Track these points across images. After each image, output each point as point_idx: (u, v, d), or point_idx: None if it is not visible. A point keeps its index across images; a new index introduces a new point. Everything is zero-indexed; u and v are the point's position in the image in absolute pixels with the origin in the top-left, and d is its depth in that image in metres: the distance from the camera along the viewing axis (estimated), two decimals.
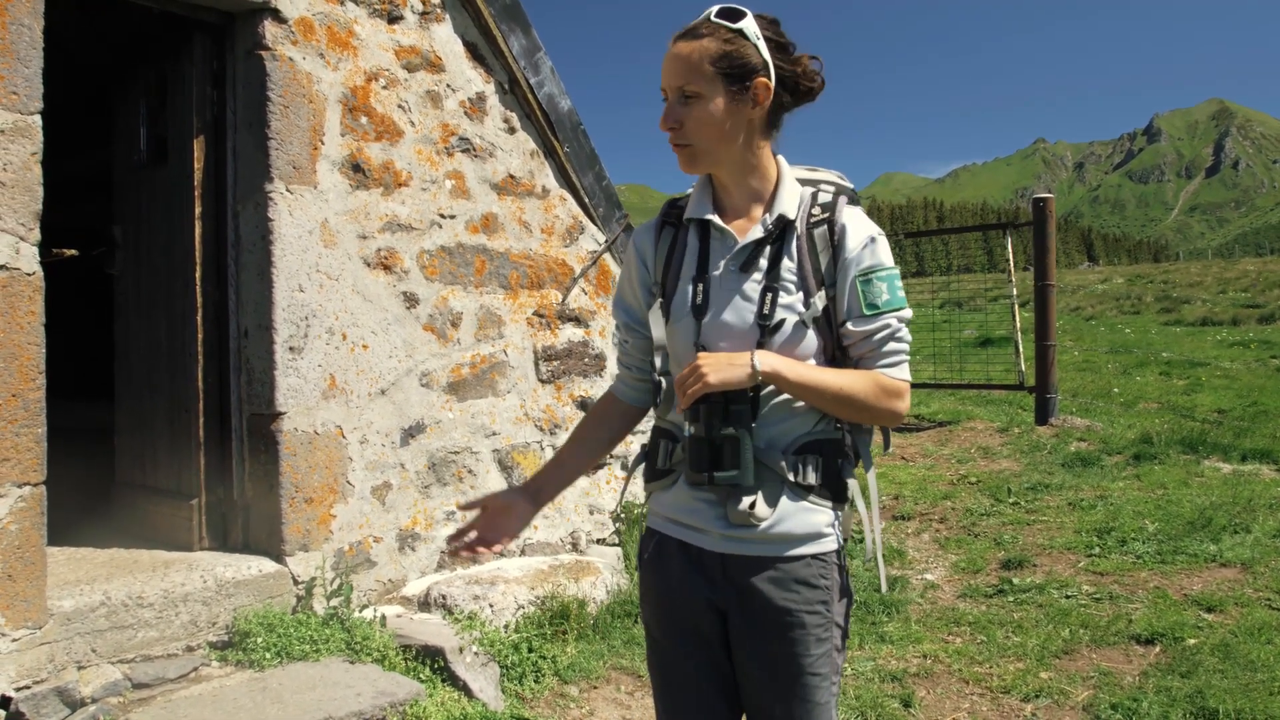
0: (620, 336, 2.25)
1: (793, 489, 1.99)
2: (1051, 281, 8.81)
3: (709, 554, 2.03)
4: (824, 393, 1.96)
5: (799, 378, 1.94)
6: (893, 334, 2.02)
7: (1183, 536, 5.85)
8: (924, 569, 5.82)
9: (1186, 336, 17.87)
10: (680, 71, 1.95)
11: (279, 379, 4.27)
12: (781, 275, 2.00)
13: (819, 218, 2.04)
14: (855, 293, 2.00)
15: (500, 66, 5.29)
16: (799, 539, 2.00)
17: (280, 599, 4.23)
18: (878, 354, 2.02)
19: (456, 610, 4.43)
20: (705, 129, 1.98)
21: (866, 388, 1.98)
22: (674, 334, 2.06)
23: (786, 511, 1.99)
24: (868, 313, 2.00)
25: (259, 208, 4.31)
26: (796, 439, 2.01)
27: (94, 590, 3.74)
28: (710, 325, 2.01)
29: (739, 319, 1.99)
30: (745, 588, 2.00)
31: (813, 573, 2.01)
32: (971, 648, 4.65)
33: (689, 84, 1.95)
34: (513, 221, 5.31)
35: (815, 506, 2.01)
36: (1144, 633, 4.62)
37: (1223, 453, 7.75)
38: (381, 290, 4.68)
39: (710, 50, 1.95)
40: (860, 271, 2.00)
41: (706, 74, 1.95)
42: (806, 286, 2.00)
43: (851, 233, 2.02)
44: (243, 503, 4.44)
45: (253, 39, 4.34)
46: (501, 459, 5.20)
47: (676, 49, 1.97)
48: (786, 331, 1.97)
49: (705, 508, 2.02)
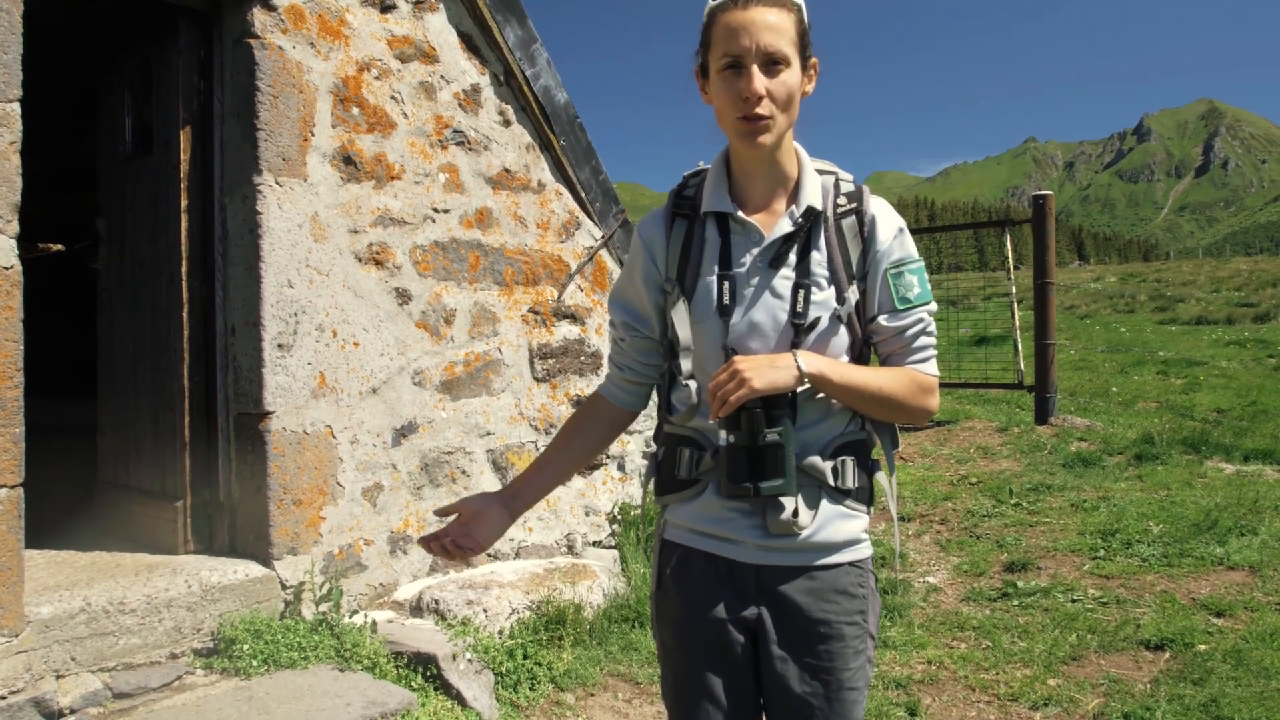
0: (615, 335, 2.09)
1: (831, 493, 1.90)
2: (1051, 279, 8.71)
3: (742, 566, 1.92)
4: (865, 393, 1.87)
5: (843, 379, 1.85)
6: (924, 328, 1.95)
7: (1188, 539, 5.75)
8: (926, 572, 5.71)
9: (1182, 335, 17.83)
10: (771, 36, 1.80)
11: (267, 377, 4.14)
12: (812, 270, 1.89)
13: (846, 208, 1.94)
14: (887, 286, 1.92)
15: (495, 58, 5.16)
16: (838, 546, 1.91)
17: (268, 604, 4.10)
18: (909, 350, 1.94)
19: (449, 616, 4.31)
20: (790, 102, 1.85)
21: (904, 386, 1.90)
22: (698, 335, 1.92)
23: (826, 517, 1.90)
24: (900, 307, 1.92)
25: (247, 201, 4.18)
26: (831, 440, 1.91)
27: (74, 596, 3.60)
28: (739, 325, 1.89)
29: (770, 318, 1.88)
30: (780, 599, 1.90)
31: (851, 581, 1.92)
32: (977, 653, 4.55)
33: (781, 48, 1.81)
34: (508, 216, 5.18)
35: (852, 511, 1.93)
36: (1153, 638, 4.52)
37: (1225, 453, 7.67)
38: (373, 286, 4.55)
39: (792, 19, 1.84)
40: (892, 264, 1.92)
41: (792, 42, 1.83)
42: (838, 281, 1.90)
43: (882, 224, 1.93)
44: (229, 504, 4.30)
45: (241, 27, 4.21)
46: (495, 459, 5.07)
47: (759, 13, 1.81)
48: (821, 329, 1.87)
49: (739, 517, 1.90)
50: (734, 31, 1.82)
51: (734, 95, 1.83)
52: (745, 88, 1.81)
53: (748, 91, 1.80)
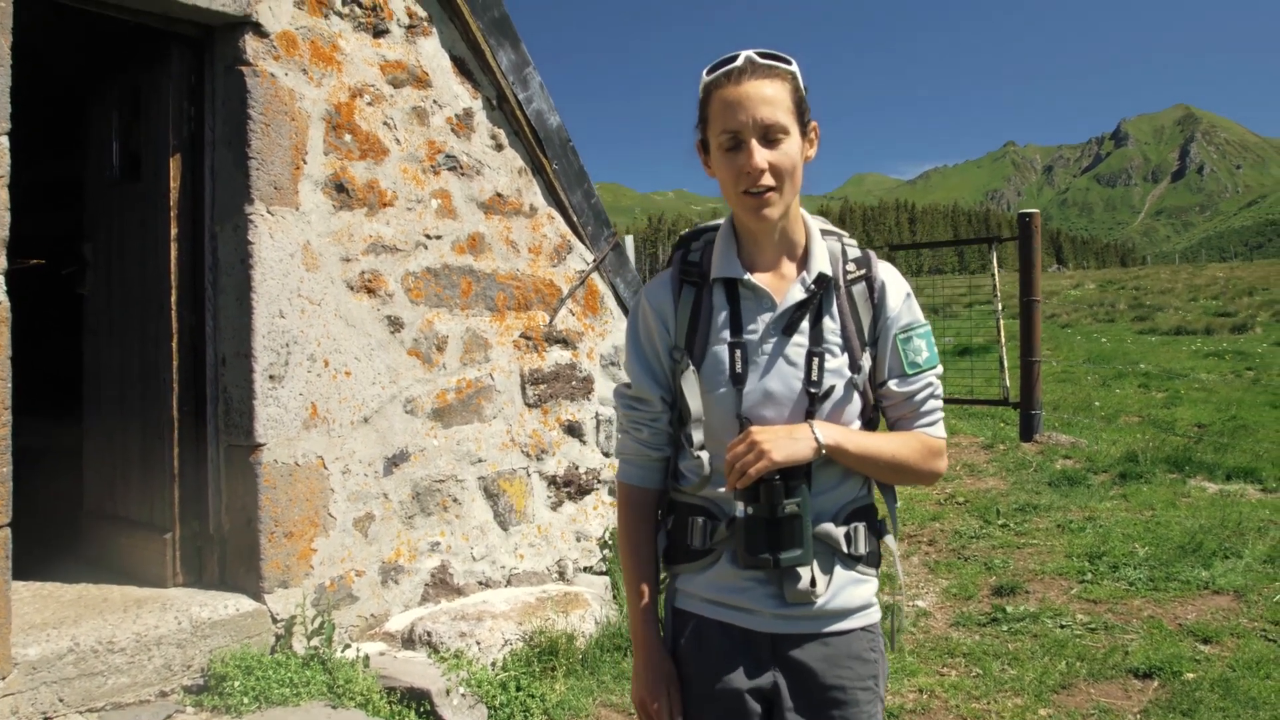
0: (647, 414, 2.01)
1: (844, 559, 1.91)
2: (1037, 297, 8.75)
3: (758, 634, 1.91)
4: (879, 460, 1.88)
5: (859, 449, 1.85)
6: (933, 392, 1.96)
7: (1174, 562, 5.79)
8: (915, 595, 5.72)
9: (1162, 346, 17.98)
10: (768, 109, 1.80)
11: (258, 409, 4.10)
12: (825, 337, 1.89)
13: (855, 274, 1.94)
14: (897, 352, 1.93)
15: (489, 82, 5.14)
16: (851, 611, 1.92)
17: (258, 638, 4.06)
18: (918, 414, 1.96)
19: (442, 648, 4.28)
20: (794, 172, 1.84)
21: (916, 451, 1.92)
22: (709, 404, 1.90)
23: (840, 584, 1.90)
24: (910, 372, 1.93)
25: (238, 230, 4.14)
26: (844, 507, 1.92)
27: (62, 636, 3.56)
28: (753, 393, 1.87)
29: (785, 386, 1.87)
30: (796, 665, 1.90)
31: (864, 646, 1.93)
32: (967, 681, 4.55)
33: (779, 120, 1.81)
34: (500, 241, 5.16)
35: (864, 576, 1.94)
36: (1141, 666, 4.54)
37: (1208, 471, 7.73)
38: (365, 314, 4.51)
39: (788, 90, 1.84)
40: (901, 329, 1.93)
41: (789, 111, 1.83)
42: (851, 349, 1.90)
43: (891, 290, 1.94)
44: (219, 537, 4.26)
45: (233, 53, 4.17)
46: (487, 486, 5.04)
47: (754, 87, 1.81)
48: (836, 397, 1.87)
49: (755, 586, 1.89)
50: (731, 107, 1.82)
51: (736, 171, 1.83)
52: (746, 163, 1.81)
53: (749, 167, 1.81)
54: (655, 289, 2.01)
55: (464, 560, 4.91)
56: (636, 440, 2.03)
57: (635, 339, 2.03)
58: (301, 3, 4.32)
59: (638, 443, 2.03)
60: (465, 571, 4.91)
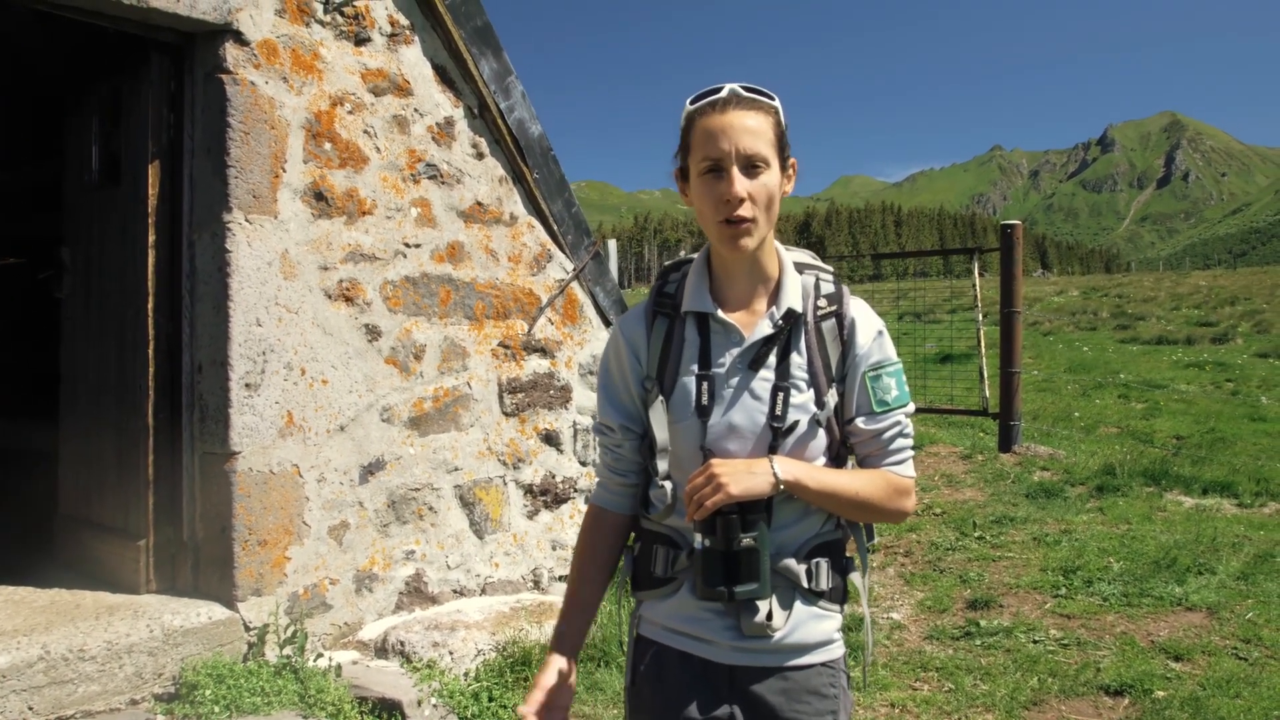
0: (611, 441, 2.04)
1: (805, 595, 1.91)
2: (1018, 308, 8.79)
3: (716, 665, 1.92)
4: (841, 498, 1.88)
5: (819, 485, 1.86)
6: (901, 430, 1.96)
7: (1148, 577, 5.82)
8: (890, 607, 5.75)
9: (1143, 356, 18.05)
10: (750, 139, 1.82)
11: (234, 417, 4.09)
12: (791, 372, 1.90)
13: (826, 310, 1.95)
14: (865, 389, 1.93)
15: (470, 91, 5.14)
16: (811, 647, 1.92)
17: (231, 646, 4.05)
18: (886, 452, 1.96)
19: (415, 658, 4.28)
20: (771, 204, 1.86)
21: (880, 489, 1.92)
22: (675, 435, 1.92)
23: (799, 619, 1.91)
24: (878, 410, 1.94)
25: (216, 238, 4.13)
26: (806, 542, 1.92)
27: (32, 643, 3.55)
28: (717, 426, 1.89)
29: (749, 420, 1.88)
30: (753, 699, 1.91)
31: (823, 681, 1.94)
32: (940, 696, 4.57)
33: (760, 151, 1.82)
34: (479, 250, 5.16)
35: (825, 612, 1.95)
36: (1113, 683, 4.57)
37: (1184, 485, 7.78)
38: (343, 323, 4.51)
39: (770, 123, 1.85)
40: (870, 367, 1.94)
41: (771, 144, 1.84)
42: (817, 384, 1.91)
43: (861, 327, 1.94)
44: (193, 544, 4.25)
45: (213, 61, 4.16)
46: (463, 495, 5.05)
47: (738, 117, 1.83)
48: (799, 432, 1.88)
49: (713, 618, 1.90)
50: (713, 135, 1.83)
51: (715, 198, 1.84)
52: (726, 191, 1.81)
53: (729, 194, 1.81)
54: (630, 320, 2.04)
55: (439, 569, 4.91)
56: (605, 464, 2.08)
57: (606, 368, 2.06)
58: (283, 11, 4.32)
59: (606, 466, 2.08)
60: (440, 580, 4.91)
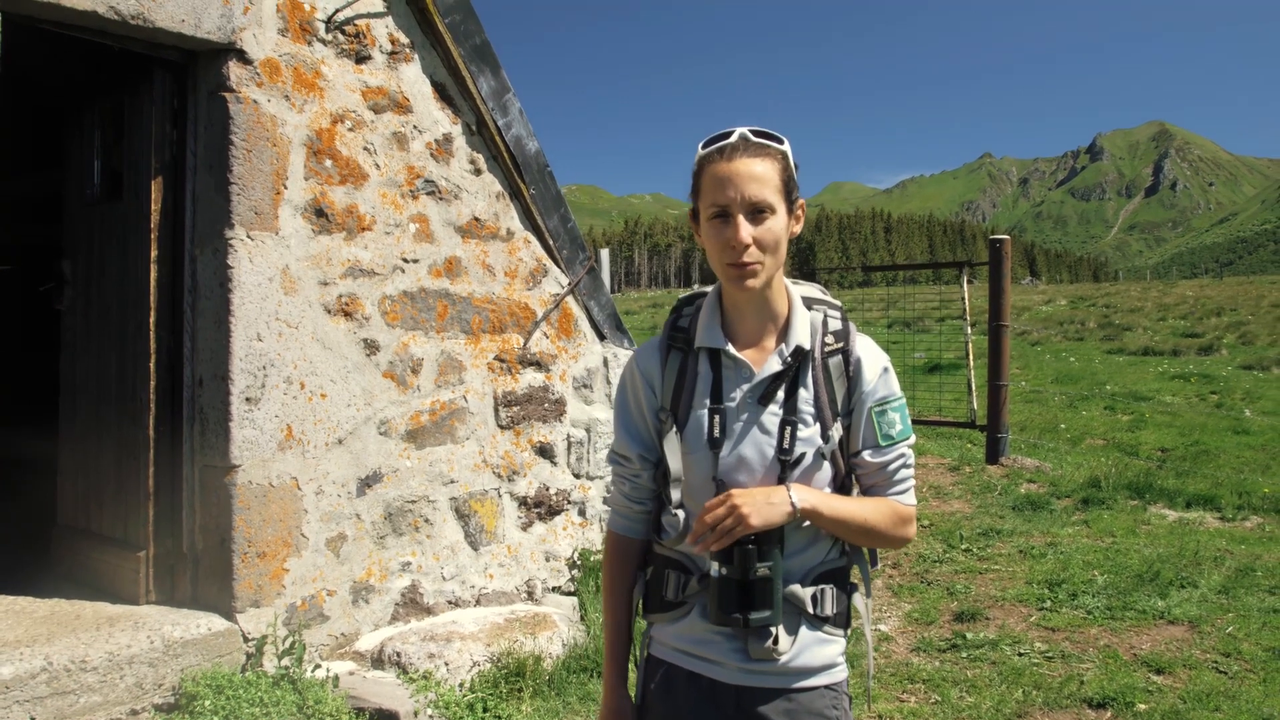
0: (629, 471, 2.13)
1: (810, 620, 1.99)
2: (1006, 322, 8.89)
3: (723, 686, 2.00)
4: (851, 524, 1.97)
5: (833, 513, 1.94)
6: (904, 462, 2.06)
7: (1132, 590, 5.91)
8: (878, 619, 5.82)
9: (1129, 367, 18.19)
10: (756, 186, 1.89)
11: (234, 431, 4.15)
12: (799, 407, 1.98)
13: (833, 347, 2.03)
14: (871, 424, 2.02)
15: (468, 107, 5.21)
16: (815, 670, 2.00)
17: (229, 657, 4.11)
18: (890, 482, 2.05)
19: (411, 669, 4.34)
20: (778, 247, 1.93)
21: (886, 517, 2.01)
22: (689, 465, 2.00)
23: (805, 643, 1.98)
24: (883, 444, 2.03)
25: (218, 254, 4.19)
26: (812, 569, 2.01)
27: (35, 654, 3.60)
28: (728, 458, 1.97)
29: (758, 453, 1.96)
30: (759, 719, 1.98)
31: (826, 704, 2.01)
32: (926, 708, 4.65)
33: (765, 198, 1.89)
34: (476, 265, 5.23)
35: (830, 637, 2.02)
36: (1095, 696, 4.65)
37: (1168, 498, 7.88)
38: (342, 337, 4.58)
39: (777, 168, 1.92)
40: (876, 403, 2.02)
41: (777, 190, 1.91)
42: (823, 418, 1.99)
43: (867, 365, 2.03)
44: (192, 556, 4.31)
45: (216, 79, 4.22)
46: (459, 507, 5.11)
47: (744, 164, 1.90)
48: (805, 465, 1.96)
49: (722, 640, 1.98)
50: (721, 183, 1.90)
51: (722, 243, 1.91)
52: (732, 237, 1.89)
53: (734, 241, 1.89)
54: (645, 354, 2.13)
55: (434, 580, 4.97)
56: (620, 493, 2.16)
57: (623, 400, 2.15)
58: (285, 30, 4.38)
59: (621, 495, 2.16)
60: (435, 591, 4.97)
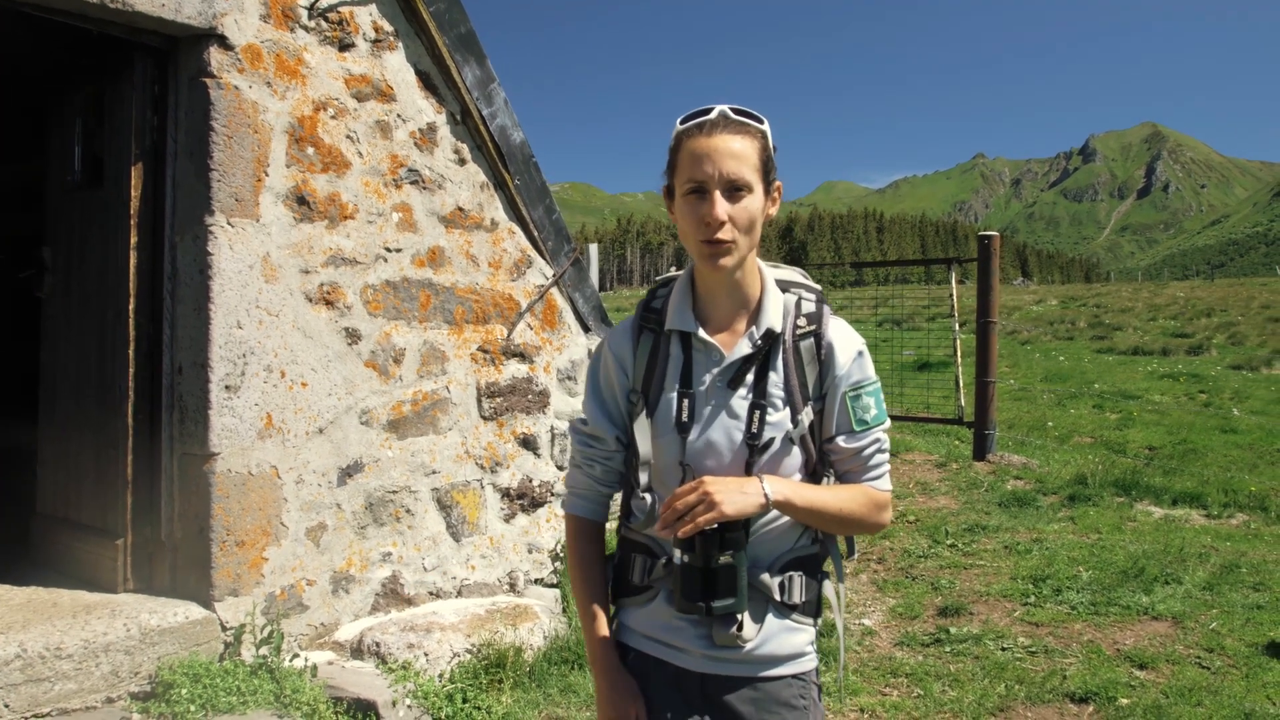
0: (601, 452, 2.09)
1: (778, 608, 1.96)
2: (994, 319, 8.89)
3: (689, 673, 1.97)
4: (826, 514, 1.93)
5: (806, 503, 1.90)
6: (880, 447, 2.02)
7: (1116, 586, 5.91)
8: (862, 613, 5.82)
9: (1119, 366, 18.22)
10: (734, 163, 1.85)
11: (214, 419, 4.13)
12: (769, 391, 1.94)
13: (805, 330, 1.99)
14: (845, 409, 1.98)
15: (453, 97, 5.18)
16: (781, 659, 1.97)
17: (207, 646, 4.08)
18: (865, 468, 2.01)
19: (390, 659, 4.32)
20: (752, 226, 1.89)
21: (861, 504, 1.97)
22: (657, 449, 1.97)
23: (771, 631, 1.95)
24: (858, 429, 1.98)
25: (198, 241, 4.16)
26: (780, 556, 1.97)
27: (9, 642, 3.57)
28: (696, 443, 1.94)
29: (726, 437, 1.93)
30: (724, 708, 1.96)
31: (793, 693, 1.98)
32: (908, 702, 4.64)
33: (743, 176, 1.86)
34: (460, 255, 5.21)
35: (798, 625, 1.99)
36: (1078, 690, 4.64)
37: (1154, 496, 7.89)
38: (323, 326, 4.55)
39: (756, 147, 1.89)
40: (850, 387, 1.98)
41: (755, 169, 1.88)
42: (793, 402, 1.95)
43: (840, 348, 1.98)
44: (171, 544, 4.28)
45: (197, 65, 4.19)
46: (441, 498, 5.09)
47: (723, 141, 1.86)
48: (774, 450, 1.93)
49: (687, 627, 1.95)
50: (698, 158, 1.86)
51: (697, 219, 1.87)
52: (707, 213, 1.85)
53: (709, 217, 1.85)
54: (617, 336, 2.09)
55: (415, 571, 4.95)
56: (589, 475, 2.11)
57: (595, 381, 2.10)
58: (267, 16, 4.35)
59: (590, 478, 2.11)
60: (416, 582, 4.95)
